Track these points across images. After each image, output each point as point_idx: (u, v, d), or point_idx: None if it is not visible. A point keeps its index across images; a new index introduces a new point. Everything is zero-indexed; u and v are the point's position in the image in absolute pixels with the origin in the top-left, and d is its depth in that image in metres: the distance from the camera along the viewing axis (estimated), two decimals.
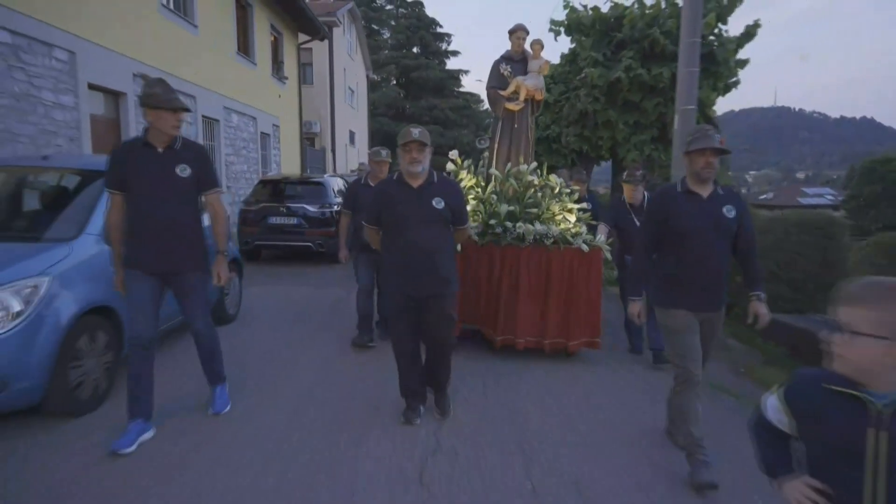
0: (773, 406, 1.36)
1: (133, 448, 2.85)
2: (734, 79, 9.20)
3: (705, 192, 2.82)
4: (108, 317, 3.41)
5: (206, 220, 3.31)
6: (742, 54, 9.40)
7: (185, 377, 3.84)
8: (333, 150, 20.80)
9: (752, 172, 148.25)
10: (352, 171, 13.52)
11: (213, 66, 11.21)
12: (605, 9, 9.47)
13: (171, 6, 9.77)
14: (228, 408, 3.38)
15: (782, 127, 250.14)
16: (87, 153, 7.27)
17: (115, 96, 8.32)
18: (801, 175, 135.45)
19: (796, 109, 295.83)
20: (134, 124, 8.39)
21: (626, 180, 4.77)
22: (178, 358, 4.22)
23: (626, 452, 3.08)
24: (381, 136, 30.06)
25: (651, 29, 8.84)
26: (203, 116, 10.87)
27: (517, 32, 5.01)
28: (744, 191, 48.81)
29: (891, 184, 15.62)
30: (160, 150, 2.96)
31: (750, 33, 8.97)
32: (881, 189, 15.77)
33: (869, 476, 1.12)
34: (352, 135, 25.15)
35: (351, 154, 24.12)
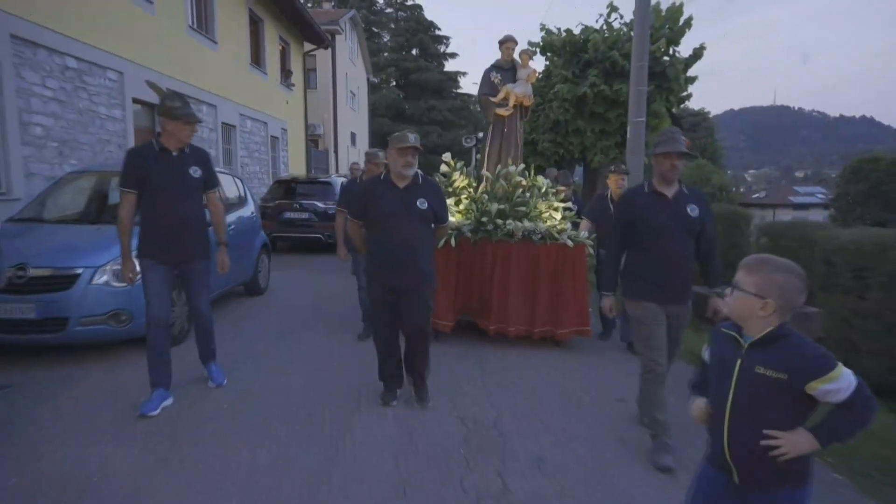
0: (706, 345, 1.79)
1: (157, 412, 3.29)
2: (685, 93, 10.65)
3: (670, 191, 2.96)
4: None
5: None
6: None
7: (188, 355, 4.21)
8: (336, 151, 21.79)
9: (751, 171, 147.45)
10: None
11: (231, 76, 12.37)
12: (577, 30, 10.92)
13: (196, 26, 10.96)
14: (226, 381, 3.71)
15: (782, 126, 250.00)
16: None
17: (151, 108, 9.51)
18: (800, 174, 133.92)
19: (796, 108, 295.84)
20: None
21: (612, 170, 5.01)
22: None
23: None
24: (381, 137, 30.83)
25: (612, 51, 10.30)
26: (222, 123, 12.02)
27: (507, 43, 5.20)
28: (742, 190, 48.75)
29: (876, 183, 15.54)
30: (174, 153, 3.29)
31: (697, 55, 10.39)
32: (867, 188, 15.71)
33: (733, 385, 1.60)
34: (353, 136, 26.05)
35: (352, 155, 25.10)
